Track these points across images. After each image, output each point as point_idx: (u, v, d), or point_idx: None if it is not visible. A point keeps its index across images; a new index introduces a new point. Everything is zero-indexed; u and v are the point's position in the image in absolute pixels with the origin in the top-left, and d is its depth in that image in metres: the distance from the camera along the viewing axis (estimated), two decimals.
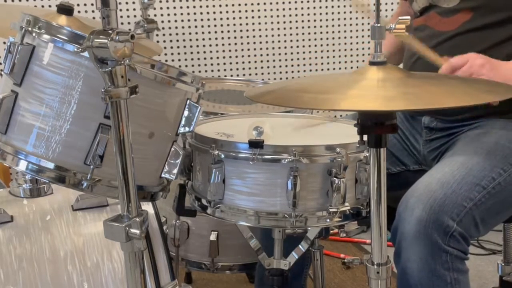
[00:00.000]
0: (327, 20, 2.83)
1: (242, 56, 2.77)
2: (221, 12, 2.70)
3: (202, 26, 2.69)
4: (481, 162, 1.34)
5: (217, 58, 2.74)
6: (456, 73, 1.35)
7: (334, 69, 2.89)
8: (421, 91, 1.02)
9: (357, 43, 2.89)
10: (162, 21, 2.61)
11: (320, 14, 2.81)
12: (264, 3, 2.74)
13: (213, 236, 1.69)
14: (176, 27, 2.66)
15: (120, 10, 2.55)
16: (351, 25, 2.86)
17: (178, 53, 2.69)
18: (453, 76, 1.17)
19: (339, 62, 2.89)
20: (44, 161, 1.12)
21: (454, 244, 1.25)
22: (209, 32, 2.70)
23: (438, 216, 1.24)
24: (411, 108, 0.98)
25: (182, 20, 2.66)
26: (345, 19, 2.85)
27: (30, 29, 1.12)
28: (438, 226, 1.24)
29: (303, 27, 2.80)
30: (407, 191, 1.31)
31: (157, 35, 2.58)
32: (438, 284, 1.25)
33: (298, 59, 2.83)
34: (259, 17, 2.75)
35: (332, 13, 2.82)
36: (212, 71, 2.75)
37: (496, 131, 1.44)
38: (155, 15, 2.56)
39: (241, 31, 2.74)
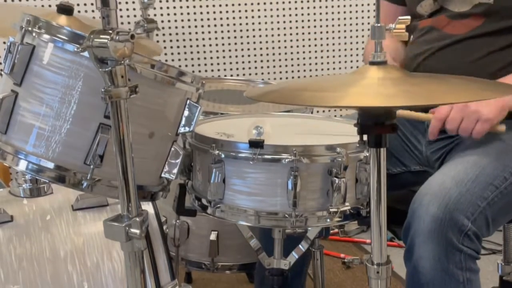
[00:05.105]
0: (327, 20, 2.83)
1: (242, 56, 2.77)
2: (221, 12, 2.70)
3: (202, 26, 2.69)
4: (493, 162, 1.34)
5: (217, 58, 2.74)
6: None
7: (334, 69, 2.89)
8: (422, 89, 1.02)
9: (357, 43, 2.89)
10: (162, 21, 2.61)
11: (320, 14, 2.81)
12: (264, 3, 2.74)
13: (213, 236, 1.69)
14: (176, 27, 2.66)
15: (120, 10, 2.55)
16: (351, 25, 2.86)
17: (178, 53, 2.69)
18: (454, 76, 1.17)
19: (339, 62, 2.89)
20: (44, 160, 1.12)
21: (468, 243, 1.25)
22: (209, 32, 2.70)
23: (453, 215, 1.23)
24: (412, 105, 0.98)
25: (182, 20, 2.66)
26: (345, 19, 2.85)
27: (30, 29, 1.12)
28: (453, 224, 1.23)
29: (303, 27, 2.80)
30: (420, 188, 1.30)
31: (157, 35, 2.58)
32: (451, 283, 1.25)
33: (298, 59, 2.83)
34: (259, 17, 2.75)
35: (332, 13, 2.82)
36: (212, 71, 2.75)
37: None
38: (155, 15, 2.56)
39: (241, 31, 2.74)
